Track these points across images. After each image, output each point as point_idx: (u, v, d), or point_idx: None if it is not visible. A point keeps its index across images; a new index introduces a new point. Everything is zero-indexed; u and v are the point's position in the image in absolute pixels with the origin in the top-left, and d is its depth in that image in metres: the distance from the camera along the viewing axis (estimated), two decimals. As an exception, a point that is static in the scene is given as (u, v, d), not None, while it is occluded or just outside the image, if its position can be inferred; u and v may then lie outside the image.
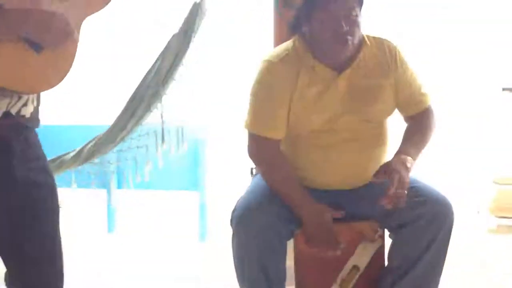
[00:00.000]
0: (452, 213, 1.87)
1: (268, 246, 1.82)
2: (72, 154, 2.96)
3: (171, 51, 2.73)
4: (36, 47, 1.33)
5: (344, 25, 1.82)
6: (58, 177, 2.99)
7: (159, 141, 2.83)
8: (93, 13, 1.46)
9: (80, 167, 3.00)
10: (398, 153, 1.92)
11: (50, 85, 1.39)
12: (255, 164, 1.99)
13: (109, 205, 3.55)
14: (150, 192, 3.72)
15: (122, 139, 2.86)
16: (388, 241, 2.03)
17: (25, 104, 1.43)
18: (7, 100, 1.39)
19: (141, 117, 2.79)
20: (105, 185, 3.41)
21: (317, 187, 1.95)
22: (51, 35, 1.34)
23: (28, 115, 1.44)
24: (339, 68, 1.91)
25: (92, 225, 3.79)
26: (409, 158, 1.87)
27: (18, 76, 1.34)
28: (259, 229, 1.80)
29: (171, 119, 2.81)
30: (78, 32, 1.43)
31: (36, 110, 1.48)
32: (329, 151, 1.93)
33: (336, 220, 1.94)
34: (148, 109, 2.76)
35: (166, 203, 4.01)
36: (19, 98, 1.41)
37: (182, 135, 2.83)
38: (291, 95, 1.90)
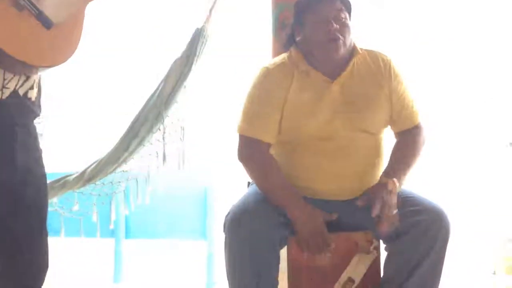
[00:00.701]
0: (447, 223, 1.91)
1: (260, 249, 1.85)
2: (75, 175, 3.01)
3: (173, 74, 2.81)
4: (47, 23, 1.44)
5: (334, 24, 1.92)
6: (61, 198, 3.08)
7: (160, 162, 2.88)
8: None
9: (82, 188, 3.05)
10: (383, 175, 1.99)
11: (57, 60, 1.50)
12: (245, 166, 2.04)
13: (116, 254, 3.56)
14: (157, 241, 3.74)
15: (125, 160, 2.92)
16: (384, 253, 2.06)
17: (31, 87, 1.53)
18: (15, 80, 1.48)
19: (144, 138, 2.85)
20: (112, 234, 3.46)
21: (312, 196, 2.00)
22: None
23: (33, 98, 1.54)
24: (333, 75, 2.00)
25: (98, 275, 3.79)
26: (391, 181, 1.93)
27: (30, 48, 1.44)
28: (250, 232, 1.83)
29: (173, 141, 2.87)
30: (83, 18, 1.54)
31: (39, 96, 1.56)
32: (323, 159, 1.99)
33: (331, 230, 1.99)
34: (150, 130, 2.83)
35: (174, 252, 3.99)
36: (27, 79, 1.51)
37: (183, 156, 2.87)
38: (285, 100, 1.98)
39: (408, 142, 2.07)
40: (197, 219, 3.39)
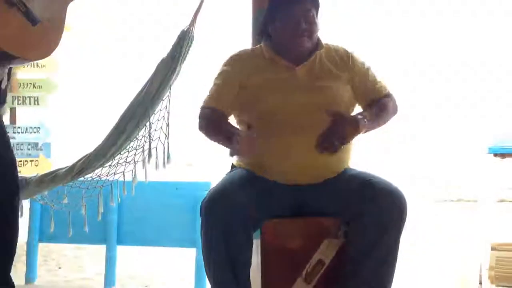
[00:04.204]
0: (404, 203, 2.06)
1: (233, 230, 1.97)
2: (65, 169, 3.13)
3: (159, 74, 2.95)
4: (34, 20, 1.61)
5: (303, 23, 2.12)
6: (50, 192, 3.20)
7: (146, 157, 3.01)
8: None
9: (71, 183, 3.17)
10: (358, 113, 2.19)
11: (40, 54, 1.69)
12: (202, 131, 2.26)
13: (108, 260, 3.66)
14: (148, 248, 3.86)
15: (113, 155, 3.04)
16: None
17: (2, 79, 1.68)
18: None
19: (131, 134, 2.98)
20: (104, 240, 3.59)
21: (278, 180, 2.15)
22: None
23: (3, 87, 1.70)
24: (297, 62, 2.21)
25: (90, 281, 3.90)
26: (363, 122, 2.11)
27: (18, 42, 1.61)
28: (224, 213, 1.97)
29: (158, 136, 2.99)
30: (65, 16, 1.72)
31: (6, 87, 1.72)
32: (288, 137, 2.13)
33: (302, 216, 2.14)
34: (137, 126, 2.96)
35: (164, 259, 4.08)
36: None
37: (168, 151, 3.00)
38: (246, 80, 2.20)
39: (379, 103, 2.26)
40: (187, 227, 3.49)
